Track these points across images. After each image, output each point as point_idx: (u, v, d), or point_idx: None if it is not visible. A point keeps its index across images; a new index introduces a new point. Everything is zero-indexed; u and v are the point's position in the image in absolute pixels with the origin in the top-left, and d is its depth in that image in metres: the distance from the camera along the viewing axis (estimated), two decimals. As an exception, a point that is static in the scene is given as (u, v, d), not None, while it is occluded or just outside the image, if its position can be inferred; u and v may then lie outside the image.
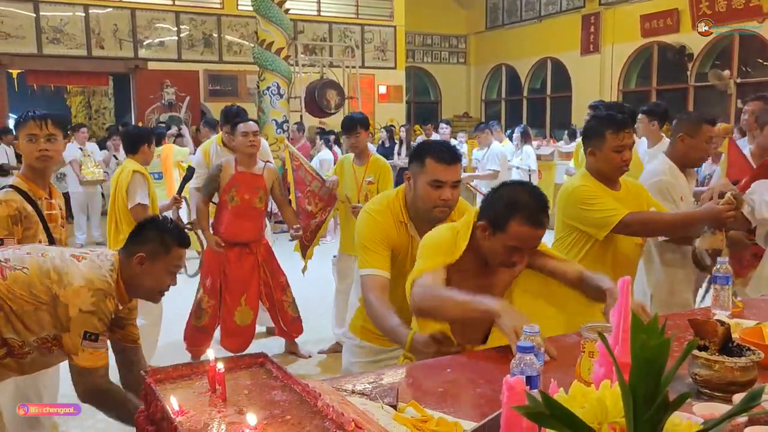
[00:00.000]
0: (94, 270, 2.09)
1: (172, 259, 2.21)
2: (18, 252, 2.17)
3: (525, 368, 1.52)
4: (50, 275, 2.06)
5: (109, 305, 2.07)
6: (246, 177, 4.17)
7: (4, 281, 2.05)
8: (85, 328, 2.02)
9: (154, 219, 2.31)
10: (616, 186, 2.71)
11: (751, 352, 1.69)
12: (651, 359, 0.76)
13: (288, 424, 1.40)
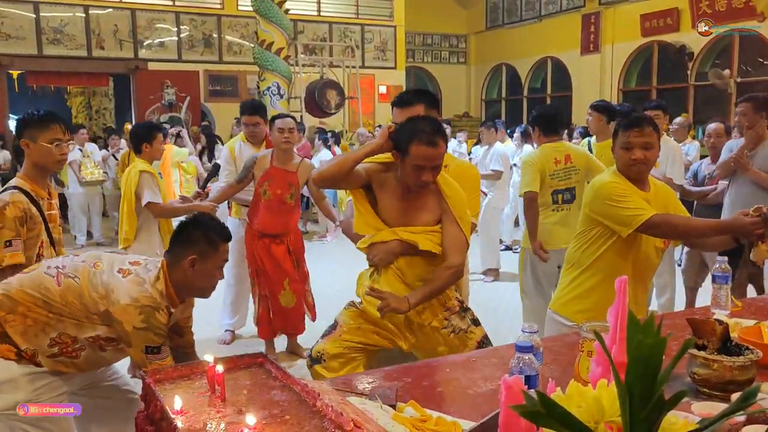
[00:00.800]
0: (137, 286, 2.11)
1: (220, 255, 2.25)
2: (75, 259, 2.23)
3: (524, 368, 1.53)
4: (98, 289, 2.11)
5: (159, 318, 2.10)
6: (279, 172, 4.20)
7: (58, 287, 2.12)
8: (145, 344, 2.09)
9: (196, 219, 2.32)
10: (644, 186, 2.68)
11: (749, 351, 1.69)
12: (647, 358, 0.77)
13: (287, 424, 1.41)
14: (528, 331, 1.71)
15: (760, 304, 2.67)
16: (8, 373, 2.11)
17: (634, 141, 2.59)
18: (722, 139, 4.66)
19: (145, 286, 2.11)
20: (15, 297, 2.12)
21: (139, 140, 4.20)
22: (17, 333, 2.11)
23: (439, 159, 2.27)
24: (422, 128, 2.24)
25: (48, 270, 2.17)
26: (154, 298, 2.10)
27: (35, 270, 2.22)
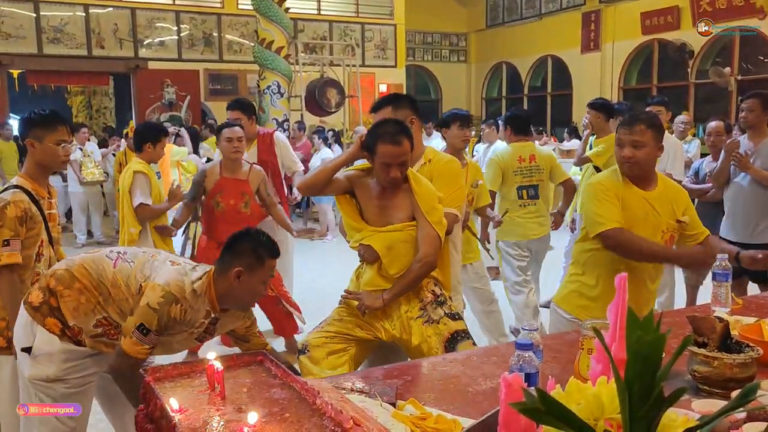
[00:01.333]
0: (177, 275, 2.18)
1: (266, 270, 2.28)
2: (137, 249, 2.39)
3: (524, 365, 1.52)
4: (145, 272, 2.22)
5: (172, 311, 2.14)
6: (230, 182, 4.11)
7: (113, 269, 2.25)
8: (142, 320, 2.12)
9: (248, 232, 2.36)
10: (647, 185, 2.66)
11: (749, 348, 1.69)
12: (646, 355, 0.76)
13: (287, 422, 1.41)
14: (528, 329, 1.71)
15: (761, 301, 2.66)
16: (49, 347, 2.22)
17: (623, 139, 2.63)
18: (722, 137, 4.65)
19: (184, 278, 2.19)
20: (75, 273, 2.24)
21: (143, 139, 4.22)
22: (69, 309, 2.21)
23: (404, 156, 2.44)
24: (386, 129, 2.44)
25: (110, 253, 2.31)
26: (183, 290, 2.16)
27: (99, 252, 2.34)
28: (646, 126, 2.58)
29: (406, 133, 2.45)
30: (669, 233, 2.67)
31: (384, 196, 2.52)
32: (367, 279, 2.53)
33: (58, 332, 2.22)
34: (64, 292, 2.22)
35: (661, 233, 2.66)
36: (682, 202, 2.72)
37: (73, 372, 2.27)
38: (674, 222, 2.67)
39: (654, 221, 2.66)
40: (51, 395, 2.28)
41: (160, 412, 1.47)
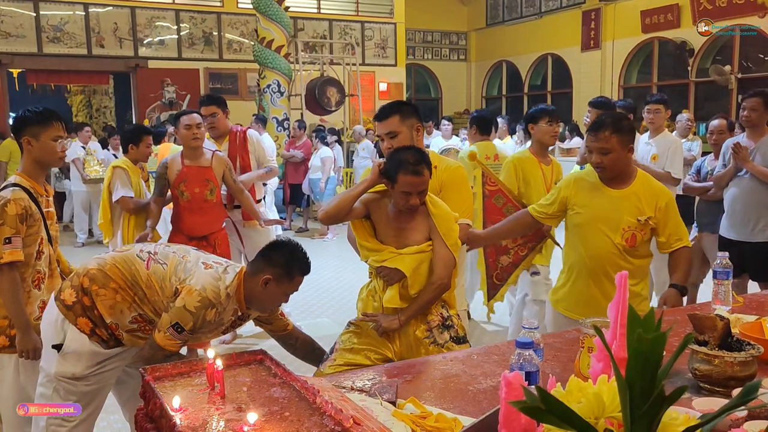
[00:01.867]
0: (212, 280, 2.24)
1: (293, 285, 2.35)
2: (166, 249, 2.40)
3: (524, 364, 1.52)
4: (179, 275, 2.26)
5: (209, 314, 2.21)
6: (193, 170, 4.06)
7: (146, 270, 2.29)
8: (177, 320, 2.19)
9: (290, 243, 2.42)
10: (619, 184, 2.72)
11: (750, 346, 1.68)
12: (647, 353, 0.76)
13: (287, 421, 1.40)
14: (528, 327, 1.71)
15: (762, 299, 2.66)
16: (78, 345, 2.28)
17: (590, 145, 2.71)
18: (724, 135, 4.63)
19: (219, 283, 2.24)
20: (108, 273, 2.29)
21: (126, 141, 4.48)
22: (105, 306, 2.27)
23: (424, 185, 2.47)
24: (407, 159, 2.45)
25: (140, 253, 2.34)
26: (219, 295, 2.22)
27: (129, 250, 2.37)
28: (611, 132, 2.63)
29: (426, 163, 2.49)
30: (630, 232, 2.70)
31: (400, 218, 2.55)
32: (389, 297, 2.52)
33: (88, 332, 2.28)
34: (100, 291, 2.27)
35: (621, 231, 2.71)
36: (654, 203, 2.70)
37: (97, 372, 2.33)
38: (635, 221, 2.68)
39: (615, 219, 2.72)
40: (73, 392, 2.34)
41: (160, 411, 1.47)
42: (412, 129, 2.70)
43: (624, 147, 2.66)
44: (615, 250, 2.72)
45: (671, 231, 2.72)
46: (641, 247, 2.74)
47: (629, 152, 2.70)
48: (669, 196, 2.76)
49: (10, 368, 2.62)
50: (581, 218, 2.84)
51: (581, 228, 2.85)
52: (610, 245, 2.72)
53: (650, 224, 2.69)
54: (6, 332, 2.58)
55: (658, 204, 2.69)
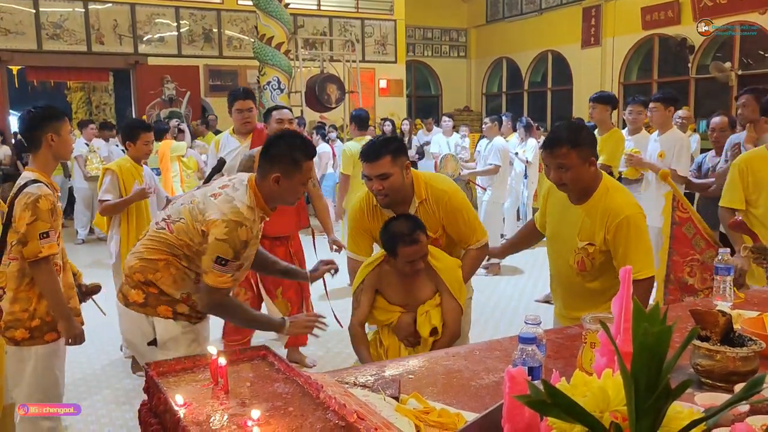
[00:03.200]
0: (227, 204, 2.27)
1: (304, 173, 2.38)
2: (174, 205, 2.43)
3: (527, 359, 1.52)
4: (197, 217, 2.30)
5: (241, 234, 2.25)
6: None
7: (172, 234, 2.34)
8: (217, 253, 2.24)
9: (283, 136, 2.44)
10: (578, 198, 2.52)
11: (752, 342, 1.69)
12: (653, 347, 0.76)
13: (290, 416, 1.41)
14: (531, 322, 1.71)
15: (763, 295, 2.66)
16: (171, 332, 2.38)
17: (548, 162, 2.49)
18: (726, 132, 4.64)
19: (234, 203, 2.27)
20: (148, 256, 2.35)
21: (124, 138, 4.39)
22: (169, 285, 2.35)
23: (424, 249, 2.52)
24: (401, 231, 2.50)
25: (157, 226, 2.40)
26: (240, 212, 2.26)
27: (147, 233, 2.43)
28: (569, 147, 2.38)
29: (421, 227, 2.53)
30: (579, 256, 2.50)
31: (406, 279, 2.61)
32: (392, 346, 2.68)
33: (171, 315, 2.38)
34: (156, 275, 2.34)
35: (573, 253, 2.53)
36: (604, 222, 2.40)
37: (196, 346, 2.43)
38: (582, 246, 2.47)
39: (569, 239, 2.55)
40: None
41: (164, 407, 1.47)
42: (402, 168, 2.60)
43: (584, 161, 2.41)
44: (570, 269, 2.56)
45: (620, 257, 2.39)
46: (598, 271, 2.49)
47: (591, 165, 2.44)
48: (623, 215, 2.39)
49: (31, 360, 2.68)
50: (549, 231, 2.75)
51: (549, 240, 2.77)
52: (566, 265, 2.57)
53: (595, 249, 2.44)
54: (26, 324, 2.64)
55: (607, 225, 2.40)
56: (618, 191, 2.51)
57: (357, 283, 2.70)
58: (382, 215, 2.73)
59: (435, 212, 2.68)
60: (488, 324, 5.15)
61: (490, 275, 6.82)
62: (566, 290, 2.69)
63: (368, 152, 2.59)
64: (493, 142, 6.92)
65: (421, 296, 2.63)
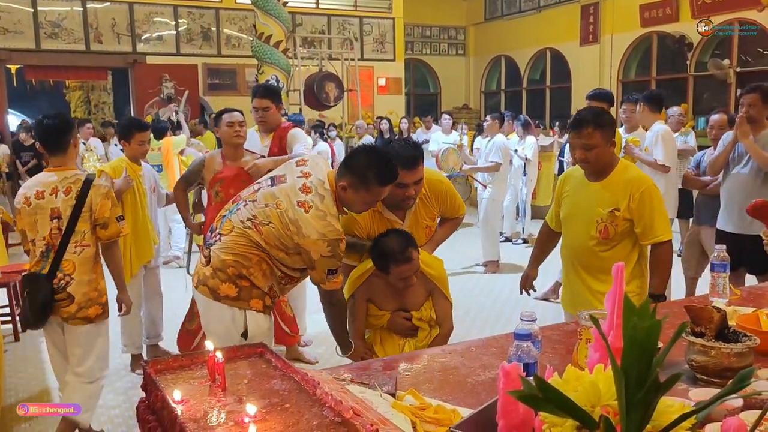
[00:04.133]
0: (321, 221, 2.32)
1: (370, 195, 2.38)
2: (257, 206, 2.43)
3: (522, 355, 1.53)
4: (290, 227, 2.34)
5: (342, 246, 2.38)
6: (232, 171, 3.90)
7: (261, 236, 2.40)
8: (327, 267, 2.39)
9: (371, 150, 2.45)
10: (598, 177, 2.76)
11: (747, 338, 1.70)
12: (642, 341, 0.77)
13: (287, 413, 1.42)
14: (527, 319, 1.72)
15: (759, 292, 2.67)
16: (261, 326, 2.49)
17: (573, 142, 2.75)
18: (725, 130, 4.62)
19: (328, 219, 2.33)
20: (241, 252, 2.41)
21: (119, 137, 4.32)
22: (260, 278, 2.44)
23: (417, 266, 2.54)
24: (393, 249, 2.50)
25: (242, 225, 2.42)
26: (337, 230, 2.35)
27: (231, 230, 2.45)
28: (593, 127, 2.65)
29: (411, 243, 2.54)
30: (603, 224, 2.72)
31: (397, 288, 2.63)
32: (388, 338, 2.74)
33: (262, 309, 2.48)
34: (250, 270, 2.42)
35: (595, 224, 2.75)
36: (628, 192, 2.68)
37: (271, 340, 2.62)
38: (606, 212, 2.71)
39: (590, 211, 2.76)
40: None
41: (162, 404, 1.48)
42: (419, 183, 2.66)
43: (607, 141, 2.68)
44: (591, 242, 2.76)
45: (646, 222, 2.68)
46: (619, 239, 2.73)
47: (612, 146, 2.72)
48: (646, 185, 2.70)
49: (102, 334, 3.13)
50: (564, 212, 2.93)
51: (564, 221, 2.93)
52: (587, 238, 2.77)
53: (620, 215, 2.68)
54: (98, 302, 3.04)
55: (632, 193, 2.66)
56: (635, 168, 2.88)
57: (347, 295, 2.70)
58: (381, 219, 2.72)
59: (433, 203, 2.82)
60: (486, 321, 5.16)
61: (489, 273, 6.83)
62: (585, 265, 2.82)
63: (409, 160, 2.56)
64: (494, 140, 6.93)
65: (414, 302, 2.65)
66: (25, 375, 4.24)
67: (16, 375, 4.22)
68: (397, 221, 2.73)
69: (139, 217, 4.12)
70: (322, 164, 2.48)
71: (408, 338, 2.68)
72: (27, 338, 4.96)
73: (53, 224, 2.97)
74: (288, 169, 2.49)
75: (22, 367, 4.37)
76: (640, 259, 2.83)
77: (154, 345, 4.43)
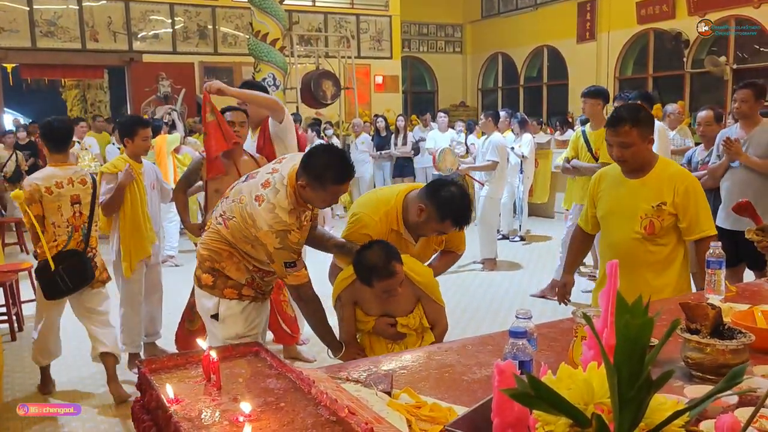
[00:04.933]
0: (269, 213, 2.37)
1: (328, 194, 2.41)
2: (226, 201, 2.57)
3: (517, 353, 1.52)
4: (247, 221, 2.42)
5: (292, 238, 2.39)
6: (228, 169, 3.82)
7: (228, 230, 2.51)
8: (283, 260, 2.41)
9: (328, 149, 2.48)
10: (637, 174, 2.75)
11: (742, 335, 1.70)
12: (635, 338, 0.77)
13: (282, 411, 1.41)
14: (522, 317, 1.72)
15: (755, 288, 2.68)
16: (232, 310, 2.58)
17: (610, 140, 2.72)
18: (712, 126, 4.66)
19: (276, 212, 2.37)
20: (214, 248, 2.55)
21: (121, 135, 4.27)
22: (233, 271, 2.55)
23: (401, 278, 2.49)
24: (375, 264, 2.44)
25: (215, 221, 2.59)
26: (284, 221, 2.37)
27: (211, 226, 2.63)
28: (631, 125, 2.63)
29: (395, 255, 2.48)
30: (647, 219, 2.70)
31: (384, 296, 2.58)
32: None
33: (237, 296, 2.59)
34: (223, 264, 2.55)
35: (639, 219, 2.72)
36: (672, 187, 2.68)
37: (254, 326, 2.64)
38: (650, 207, 2.69)
39: (632, 208, 2.74)
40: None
41: (156, 403, 1.48)
42: None
43: (644, 139, 2.67)
44: (635, 239, 2.73)
45: (692, 217, 2.69)
46: (663, 235, 2.72)
47: (649, 143, 2.71)
48: (689, 181, 2.73)
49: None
50: (603, 210, 2.88)
51: (604, 220, 2.89)
52: (631, 234, 2.74)
53: (666, 210, 2.68)
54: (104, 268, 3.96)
55: (676, 188, 2.68)
56: (675, 163, 2.91)
57: (334, 297, 2.70)
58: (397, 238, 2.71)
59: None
60: (483, 319, 5.16)
61: (486, 271, 6.83)
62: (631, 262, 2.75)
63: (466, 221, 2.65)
64: (490, 138, 6.92)
65: (400, 308, 2.61)
66: (22, 374, 4.23)
67: (12, 374, 4.21)
68: (411, 242, 2.74)
69: (138, 213, 4.12)
70: (297, 160, 2.48)
71: (397, 342, 2.65)
72: (24, 337, 4.95)
73: (75, 208, 3.67)
74: (265, 167, 2.62)
75: (19, 366, 4.36)
76: (685, 256, 2.83)
77: (151, 343, 4.42)
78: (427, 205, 2.54)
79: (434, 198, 2.54)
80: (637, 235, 2.73)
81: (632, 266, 2.74)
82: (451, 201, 2.52)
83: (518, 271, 6.91)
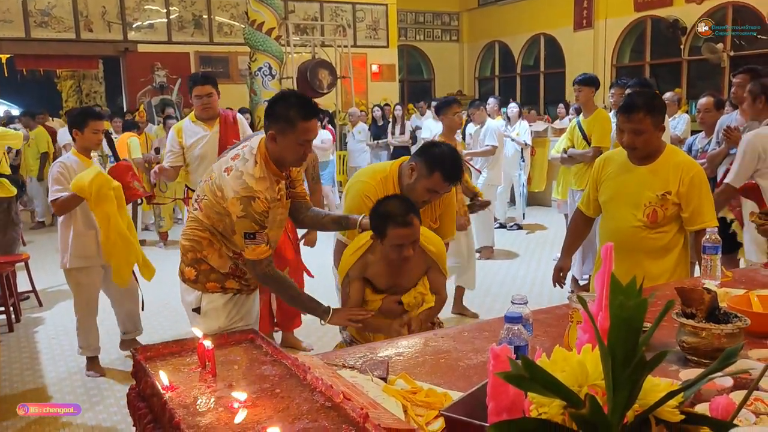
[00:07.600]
0: (236, 180, 2.34)
1: (299, 133, 2.35)
2: (200, 185, 2.56)
3: (513, 338, 1.53)
4: (216, 193, 2.39)
5: (256, 207, 2.31)
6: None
7: (202, 212, 2.48)
8: (243, 230, 2.34)
9: (283, 95, 2.47)
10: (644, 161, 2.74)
11: (737, 319, 1.70)
12: (628, 319, 0.77)
13: (278, 398, 1.41)
14: (518, 302, 1.72)
15: (751, 274, 2.68)
16: (214, 303, 2.56)
17: (623, 126, 2.71)
18: (711, 113, 4.65)
19: (243, 178, 2.33)
20: (194, 237, 2.52)
21: (70, 127, 3.96)
22: (216, 259, 2.52)
23: (416, 234, 2.41)
24: (394, 211, 2.38)
25: (192, 209, 2.58)
26: (250, 187, 2.31)
27: (188, 218, 2.62)
28: (645, 113, 2.62)
29: (415, 211, 2.42)
30: (651, 207, 2.70)
31: (393, 265, 2.51)
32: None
33: (219, 290, 2.56)
34: (204, 253, 2.52)
35: (642, 207, 2.72)
36: (678, 176, 2.67)
37: (236, 319, 2.61)
38: (655, 196, 2.69)
39: (636, 195, 2.73)
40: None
41: (151, 390, 1.48)
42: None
43: (656, 126, 2.66)
44: (637, 227, 2.73)
45: (695, 207, 2.69)
46: (666, 223, 2.72)
47: (661, 131, 2.70)
48: (695, 170, 2.71)
49: None
50: (606, 195, 2.87)
51: (606, 205, 2.89)
52: (633, 222, 2.74)
53: (670, 200, 2.67)
54: None
55: (682, 178, 2.67)
56: (683, 152, 2.88)
57: (342, 275, 2.62)
58: None
59: (437, 205, 2.83)
60: (480, 306, 5.16)
61: (483, 259, 6.84)
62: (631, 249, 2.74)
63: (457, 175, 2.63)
64: (487, 124, 6.93)
65: (409, 281, 2.58)
66: (19, 365, 4.23)
67: (10, 366, 4.21)
68: None
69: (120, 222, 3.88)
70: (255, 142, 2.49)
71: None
72: (21, 329, 4.95)
73: None
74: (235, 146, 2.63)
75: (17, 358, 4.36)
76: (685, 244, 2.82)
77: (132, 340, 4.29)
78: (417, 163, 2.57)
79: (424, 155, 2.58)
80: (640, 223, 2.73)
81: (631, 251, 2.73)
82: (440, 156, 2.55)
83: (515, 260, 6.91)
